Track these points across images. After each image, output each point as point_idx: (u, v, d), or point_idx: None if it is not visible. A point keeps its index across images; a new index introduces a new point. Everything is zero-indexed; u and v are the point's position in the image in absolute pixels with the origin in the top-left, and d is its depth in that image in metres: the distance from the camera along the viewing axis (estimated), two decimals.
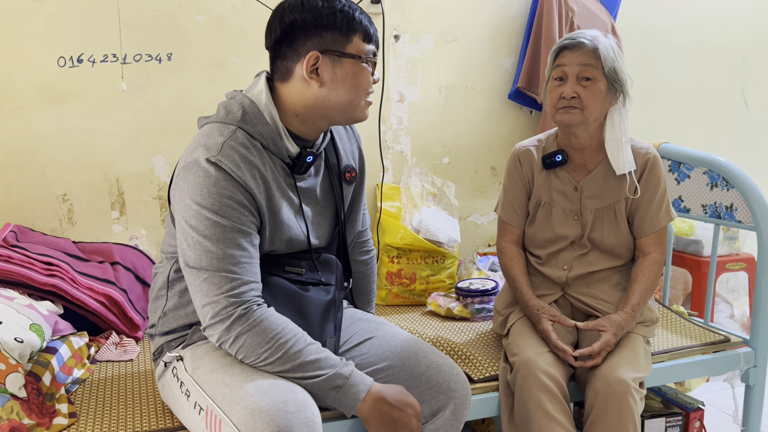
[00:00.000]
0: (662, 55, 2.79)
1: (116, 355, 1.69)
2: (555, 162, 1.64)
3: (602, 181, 1.64)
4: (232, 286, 1.18)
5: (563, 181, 1.66)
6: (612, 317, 1.54)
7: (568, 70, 1.55)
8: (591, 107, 1.54)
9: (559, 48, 1.58)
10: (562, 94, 1.55)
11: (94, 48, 1.97)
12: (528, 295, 1.63)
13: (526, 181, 1.70)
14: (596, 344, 1.48)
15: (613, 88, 1.56)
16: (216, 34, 2.09)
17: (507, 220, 1.73)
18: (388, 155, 2.37)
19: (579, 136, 1.61)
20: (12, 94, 1.91)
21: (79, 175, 2.01)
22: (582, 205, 1.65)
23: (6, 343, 1.34)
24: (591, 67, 1.53)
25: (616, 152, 1.59)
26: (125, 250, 1.98)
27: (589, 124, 1.58)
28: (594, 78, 1.54)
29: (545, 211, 1.68)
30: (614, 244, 1.65)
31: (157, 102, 2.06)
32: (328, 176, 1.41)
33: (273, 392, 1.12)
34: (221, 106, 1.31)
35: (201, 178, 1.19)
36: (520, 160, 1.71)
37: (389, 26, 2.29)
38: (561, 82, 1.57)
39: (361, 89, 1.28)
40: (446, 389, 1.32)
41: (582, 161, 1.65)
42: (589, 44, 1.54)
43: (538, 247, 1.70)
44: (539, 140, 1.72)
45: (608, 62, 1.53)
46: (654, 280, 1.61)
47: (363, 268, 1.60)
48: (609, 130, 1.59)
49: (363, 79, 1.27)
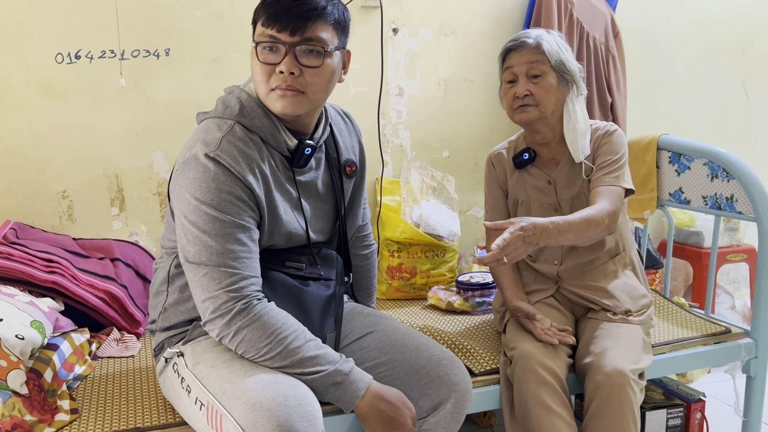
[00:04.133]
0: (662, 46, 2.78)
1: (117, 351, 1.70)
2: (524, 161, 1.70)
3: (570, 170, 1.67)
4: (232, 281, 1.18)
5: (536, 178, 1.70)
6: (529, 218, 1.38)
7: (517, 70, 1.60)
8: (545, 102, 1.59)
9: (504, 51, 1.64)
10: (516, 94, 1.60)
11: (92, 44, 1.96)
12: (509, 296, 1.65)
13: (501, 183, 1.75)
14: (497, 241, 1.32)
15: (564, 79, 1.60)
16: (214, 28, 2.08)
17: None
18: (387, 149, 2.37)
19: (541, 132, 1.65)
20: (10, 92, 1.91)
21: (79, 171, 2.01)
22: (558, 197, 1.68)
23: (7, 340, 1.34)
24: (538, 63, 1.58)
25: (574, 141, 1.63)
26: (125, 246, 1.98)
27: (548, 118, 1.62)
28: (542, 73, 1.58)
29: (524, 208, 1.72)
30: None
31: (156, 98, 2.05)
32: (329, 170, 1.41)
33: (273, 387, 1.12)
34: (219, 101, 1.31)
35: (200, 173, 1.19)
36: (494, 164, 1.77)
37: (388, 20, 2.28)
38: (512, 84, 1.62)
39: (255, 75, 1.25)
40: (447, 382, 1.32)
41: (550, 155, 1.69)
42: (532, 42, 1.59)
43: None
44: (510, 142, 1.78)
45: (553, 56, 1.58)
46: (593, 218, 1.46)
47: (363, 263, 1.60)
48: (566, 121, 1.64)
49: (255, 66, 1.24)
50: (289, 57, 1.20)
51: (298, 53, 1.21)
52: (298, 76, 1.21)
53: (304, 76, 1.22)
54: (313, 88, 1.24)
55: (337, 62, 1.27)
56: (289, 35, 1.19)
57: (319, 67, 1.22)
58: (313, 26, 1.20)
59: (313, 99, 1.25)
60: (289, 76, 1.21)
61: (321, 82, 1.24)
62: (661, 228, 2.87)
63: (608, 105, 2.50)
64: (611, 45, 2.49)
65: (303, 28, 1.19)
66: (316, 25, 1.20)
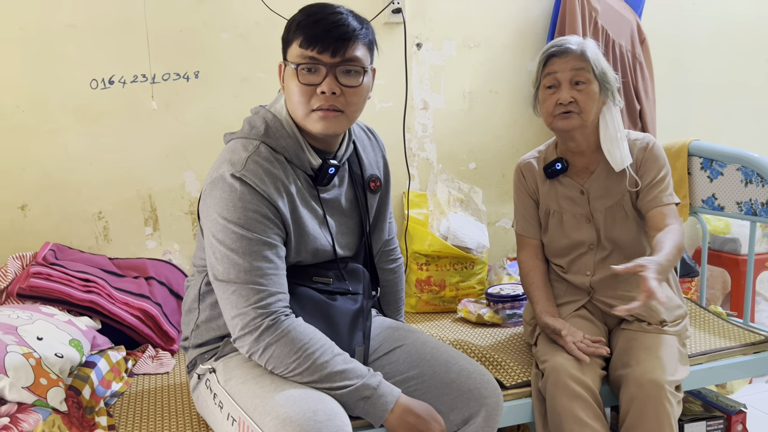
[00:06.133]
0: (691, 51, 2.74)
1: (152, 368, 1.73)
2: (556, 170, 1.67)
3: (605, 180, 1.64)
4: (260, 298, 1.20)
5: (568, 187, 1.67)
6: (647, 257, 1.37)
7: (561, 77, 1.57)
8: (588, 110, 1.57)
9: (546, 56, 1.61)
10: (559, 100, 1.57)
11: (125, 69, 2.03)
12: (539, 311, 1.63)
13: (532, 192, 1.73)
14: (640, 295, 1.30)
15: (604, 89, 1.59)
16: (241, 50, 2.13)
17: (522, 232, 1.75)
18: (413, 162, 2.38)
19: (577, 140, 1.63)
20: (48, 117, 1.98)
21: (114, 192, 2.07)
22: (591, 207, 1.65)
23: (47, 358, 1.38)
24: (583, 71, 1.56)
25: (612, 150, 1.60)
26: (159, 264, 2.02)
27: (587, 126, 1.61)
28: (587, 81, 1.56)
29: (556, 219, 1.69)
30: (631, 240, 1.64)
31: (186, 119, 2.11)
32: (353, 186, 1.42)
33: (303, 402, 1.13)
34: (246, 121, 1.34)
35: (227, 193, 1.22)
36: (523, 173, 1.75)
37: (411, 35, 2.30)
38: (553, 89, 1.59)
39: (292, 96, 1.27)
40: (477, 396, 1.31)
41: (583, 164, 1.67)
42: (577, 49, 1.57)
43: (558, 255, 1.71)
44: (539, 151, 1.76)
45: (598, 64, 1.57)
46: (681, 242, 1.49)
47: (390, 277, 1.61)
48: (603, 130, 1.61)
49: (292, 86, 1.26)
50: (330, 77, 1.23)
51: (338, 74, 1.24)
52: (338, 96, 1.24)
53: (345, 96, 1.25)
54: (351, 107, 1.27)
55: (370, 81, 1.31)
56: (330, 56, 1.22)
57: (359, 86, 1.26)
58: (352, 47, 1.24)
59: (351, 118, 1.29)
60: (331, 96, 1.24)
61: (359, 101, 1.28)
62: (695, 236, 2.81)
63: (637, 112, 2.47)
64: (638, 52, 2.46)
65: (343, 49, 1.22)
66: (354, 45, 1.24)
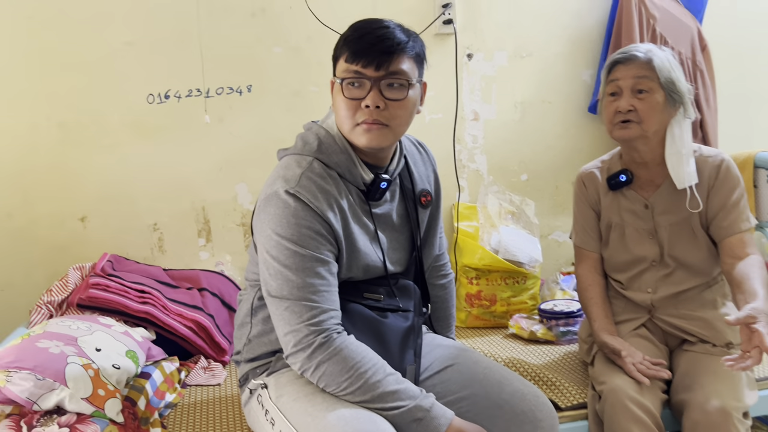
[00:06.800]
0: (755, 58, 2.62)
1: (205, 379, 1.75)
2: (620, 182, 1.60)
3: (672, 195, 1.57)
4: (312, 315, 1.20)
5: (632, 200, 1.61)
6: (754, 305, 1.33)
7: (622, 84, 1.51)
8: (648, 120, 1.50)
9: (611, 63, 1.55)
10: (618, 108, 1.51)
11: (180, 84, 2.07)
12: (597, 329, 1.57)
13: (594, 203, 1.67)
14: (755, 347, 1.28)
15: (672, 99, 1.50)
16: (293, 64, 2.15)
17: (581, 244, 1.69)
18: (463, 174, 2.35)
19: (640, 150, 1.56)
20: (106, 132, 2.04)
21: (168, 204, 2.11)
22: (656, 222, 1.58)
23: (105, 369, 1.42)
24: (646, 79, 1.49)
25: (677, 166, 1.52)
26: (211, 276, 2.05)
27: (649, 137, 1.53)
28: (650, 90, 1.49)
29: (617, 232, 1.63)
30: (698, 259, 1.56)
31: (239, 132, 2.14)
32: (404, 201, 1.41)
33: (355, 423, 1.12)
34: (298, 137, 1.34)
35: (281, 209, 1.22)
36: (585, 183, 1.69)
37: (462, 45, 2.28)
38: (616, 97, 1.53)
39: (339, 110, 1.27)
40: (532, 419, 1.27)
41: (649, 177, 1.60)
42: (643, 56, 1.50)
43: (618, 270, 1.64)
44: (602, 161, 1.70)
45: (664, 73, 1.49)
46: (766, 277, 1.44)
47: (441, 292, 1.58)
48: (669, 143, 1.53)
49: (338, 100, 1.26)
50: (374, 91, 1.23)
51: (382, 87, 1.23)
52: (383, 109, 1.24)
53: (389, 109, 1.24)
54: (396, 120, 1.26)
55: (417, 94, 1.29)
56: (374, 70, 1.22)
57: (403, 99, 1.25)
58: (397, 60, 1.23)
59: (396, 132, 1.28)
60: (375, 110, 1.23)
61: (404, 115, 1.27)
62: (761, 252, 2.68)
63: (697, 122, 2.38)
64: (698, 59, 2.38)
65: (387, 62, 1.22)
66: (399, 59, 1.23)
